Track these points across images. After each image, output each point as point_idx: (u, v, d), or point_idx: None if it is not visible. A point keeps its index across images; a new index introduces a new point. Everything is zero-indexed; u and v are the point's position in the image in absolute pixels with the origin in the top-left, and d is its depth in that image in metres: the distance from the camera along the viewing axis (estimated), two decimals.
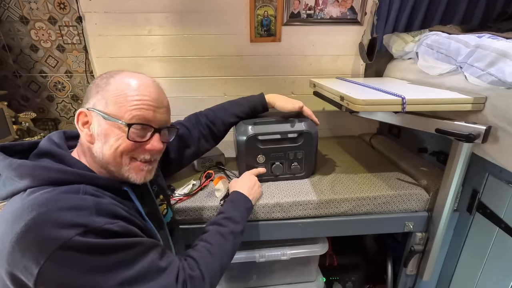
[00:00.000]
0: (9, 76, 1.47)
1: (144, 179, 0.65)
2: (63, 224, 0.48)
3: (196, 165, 1.17)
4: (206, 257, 0.66)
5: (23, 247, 0.47)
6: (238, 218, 0.78)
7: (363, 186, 1.04)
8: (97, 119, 0.60)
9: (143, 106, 0.60)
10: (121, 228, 0.53)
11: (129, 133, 0.59)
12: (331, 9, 1.38)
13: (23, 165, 0.55)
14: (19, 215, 0.49)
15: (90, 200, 0.53)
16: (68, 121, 1.59)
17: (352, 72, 1.51)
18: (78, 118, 0.61)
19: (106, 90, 0.59)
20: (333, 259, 1.29)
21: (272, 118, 1.06)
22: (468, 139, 0.81)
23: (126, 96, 0.59)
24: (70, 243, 0.47)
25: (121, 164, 0.61)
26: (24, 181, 0.54)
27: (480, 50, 0.85)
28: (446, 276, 1.14)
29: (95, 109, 0.59)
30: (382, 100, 0.86)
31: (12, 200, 0.55)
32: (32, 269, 0.46)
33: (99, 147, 0.60)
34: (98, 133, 0.60)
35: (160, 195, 0.81)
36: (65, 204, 0.50)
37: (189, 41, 1.39)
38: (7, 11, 1.36)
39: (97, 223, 0.50)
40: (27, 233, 0.47)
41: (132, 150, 0.61)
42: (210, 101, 1.49)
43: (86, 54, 1.43)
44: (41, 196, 0.51)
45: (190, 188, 1.01)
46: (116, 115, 0.58)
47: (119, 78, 0.61)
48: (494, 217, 0.91)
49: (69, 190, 0.54)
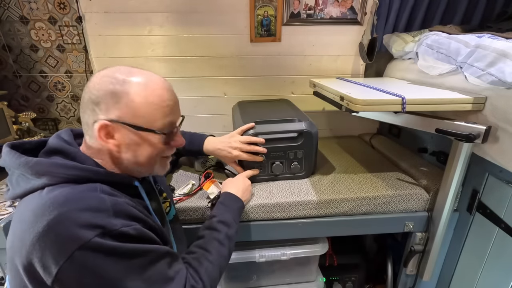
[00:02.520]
0: (9, 76, 1.47)
1: (165, 170, 0.69)
2: (82, 225, 0.48)
3: (196, 165, 1.17)
4: (205, 265, 0.66)
5: (43, 246, 0.47)
6: (231, 220, 0.79)
7: (363, 186, 1.04)
8: (125, 131, 0.59)
9: (170, 111, 0.62)
10: (136, 231, 0.54)
11: (164, 140, 0.62)
12: (331, 9, 1.38)
13: (39, 163, 0.55)
14: (40, 214, 0.49)
15: (107, 200, 0.53)
16: (68, 121, 1.59)
17: (352, 72, 1.51)
18: (100, 131, 0.57)
19: (129, 100, 0.57)
20: (333, 259, 1.29)
21: (272, 117, 1.06)
22: (468, 139, 0.81)
23: (153, 105, 0.59)
24: (89, 244, 0.48)
25: (154, 164, 0.65)
26: (42, 179, 0.54)
27: (480, 50, 0.85)
28: (446, 276, 1.14)
29: (120, 121, 0.57)
30: (382, 100, 0.85)
31: (30, 198, 0.54)
32: (51, 268, 0.47)
33: (131, 156, 0.61)
34: (129, 143, 0.60)
35: (163, 193, 0.82)
36: (84, 204, 0.51)
37: (189, 41, 1.39)
38: (7, 11, 1.36)
39: (115, 225, 0.51)
40: (48, 232, 0.47)
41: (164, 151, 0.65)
42: (210, 101, 1.51)
43: (86, 54, 1.43)
44: (60, 195, 0.52)
45: (190, 188, 1.01)
46: (147, 125, 0.59)
47: (137, 84, 0.58)
48: (494, 217, 0.91)
49: (87, 189, 0.54)
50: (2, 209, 0.92)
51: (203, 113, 1.53)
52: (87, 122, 0.59)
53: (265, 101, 1.43)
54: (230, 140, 1.01)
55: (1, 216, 0.89)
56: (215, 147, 1.03)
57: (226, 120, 1.53)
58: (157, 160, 0.65)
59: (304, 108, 1.25)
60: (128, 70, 0.60)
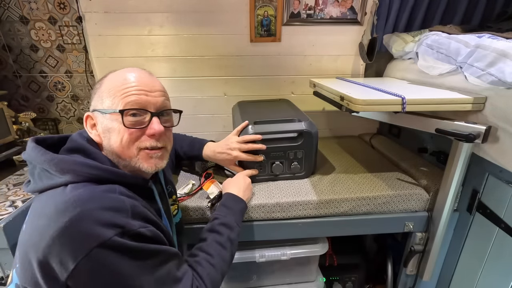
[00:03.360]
0: (9, 76, 1.47)
1: (155, 167, 0.65)
2: (104, 223, 0.49)
3: (196, 166, 1.17)
4: (208, 269, 0.67)
5: (63, 241, 0.48)
6: (233, 223, 0.78)
7: (363, 186, 1.04)
8: (99, 118, 0.62)
9: (133, 92, 0.61)
10: (151, 233, 0.55)
11: (124, 121, 0.60)
12: (331, 9, 1.38)
13: (65, 160, 0.57)
14: (63, 209, 0.50)
15: (127, 202, 0.55)
16: (68, 121, 1.59)
17: (352, 72, 1.51)
18: (86, 122, 0.64)
19: (100, 89, 0.63)
20: (333, 259, 1.29)
21: (272, 117, 1.06)
22: (468, 139, 0.81)
23: (117, 87, 0.61)
24: (109, 243, 0.49)
25: (130, 156, 0.62)
26: (65, 177, 0.55)
27: (480, 50, 0.85)
28: (446, 276, 1.14)
29: (95, 109, 0.63)
30: (382, 100, 0.85)
31: (51, 193, 0.55)
32: (68, 264, 0.47)
33: (107, 144, 0.62)
34: (103, 130, 0.62)
35: (173, 195, 0.83)
36: (106, 203, 0.52)
37: (189, 41, 1.39)
38: (7, 11, 1.36)
39: (133, 226, 0.52)
40: (70, 228, 0.48)
41: (135, 139, 0.62)
42: (210, 101, 1.51)
43: (86, 54, 1.43)
44: (84, 193, 0.53)
45: (190, 188, 1.01)
46: (111, 107, 0.60)
47: (110, 75, 0.64)
48: (494, 217, 0.91)
49: (108, 190, 0.55)
50: (2, 209, 0.92)
51: (203, 113, 1.53)
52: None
53: (265, 101, 1.43)
54: (227, 142, 1.01)
55: (1, 216, 0.89)
56: (214, 151, 1.03)
57: (226, 120, 1.53)
58: (132, 150, 0.62)
59: (304, 108, 1.25)
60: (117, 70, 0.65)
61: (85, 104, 1.56)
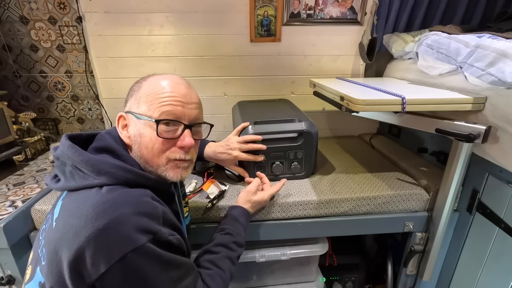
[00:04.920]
0: (9, 76, 1.47)
1: (180, 176, 0.65)
2: (140, 229, 0.50)
3: (197, 166, 1.17)
4: (219, 285, 0.68)
5: (99, 243, 0.47)
6: (243, 241, 0.80)
7: (363, 186, 1.04)
8: (133, 121, 0.63)
9: (171, 102, 0.61)
10: (177, 241, 0.56)
11: (158, 130, 0.60)
12: (331, 9, 1.38)
13: (102, 162, 0.57)
14: (102, 211, 0.49)
15: (159, 208, 0.55)
16: (68, 121, 1.59)
17: (352, 72, 1.51)
18: (118, 121, 0.65)
19: (138, 92, 0.63)
20: (333, 259, 1.29)
21: (272, 117, 1.06)
22: (468, 139, 0.81)
23: (155, 95, 0.61)
24: (142, 248, 0.49)
25: (158, 164, 0.62)
26: (101, 178, 0.55)
27: (480, 50, 0.85)
28: (446, 276, 1.14)
29: (130, 112, 0.63)
30: (382, 100, 0.86)
31: (86, 194, 0.55)
32: (101, 266, 0.47)
33: (137, 147, 0.63)
34: (135, 134, 0.62)
35: (186, 198, 0.83)
36: (142, 208, 0.52)
37: (189, 41, 1.39)
38: (7, 11, 1.36)
39: (164, 233, 0.53)
40: (108, 230, 0.48)
41: (166, 148, 0.62)
42: (210, 101, 1.51)
43: (86, 54, 1.43)
44: (122, 197, 0.53)
45: (194, 187, 1.02)
46: (147, 113, 0.61)
47: (150, 80, 0.64)
48: (494, 217, 0.91)
49: (142, 194, 0.55)
50: (2, 209, 0.92)
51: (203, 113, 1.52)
52: None
53: (265, 101, 1.43)
54: (228, 142, 1.01)
55: (1, 216, 0.89)
56: (214, 151, 1.03)
57: (226, 120, 1.53)
58: (161, 159, 0.62)
59: (304, 108, 1.25)
60: (157, 74, 0.66)
61: (85, 104, 1.56)
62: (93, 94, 1.52)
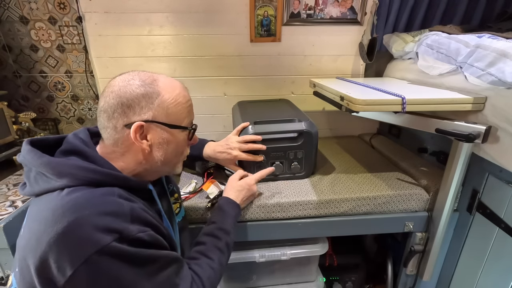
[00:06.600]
0: (9, 76, 1.47)
1: (181, 169, 0.73)
2: (102, 229, 0.48)
3: (197, 166, 1.17)
4: (208, 272, 0.68)
5: (60, 247, 0.47)
6: (230, 228, 0.79)
7: (363, 186, 1.04)
8: (158, 130, 0.62)
9: (191, 109, 0.67)
10: (150, 237, 0.54)
11: (190, 136, 0.68)
12: (331, 9, 1.38)
13: (62, 164, 0.55)
14: (61, 215, 0.49)
15: (126, 205, 0.54)
16: (68, 121, 1.59)
17: (352, 72, 1.51)
18: (136, 131, 0.59)
19: (160, 101, 0.61)
20: (333, 259, 1.29)
21: (272, 117, 1.06)
22: (468, 139, 0.81)
23: (180, 104, 0.64)
24: (106, 249, 0.48)
25: (175, 163, 0.69)
26: (62, 180, 0.54)
27: (480, 50, 0.85)
28: (446, 276, 1.14)
29: (155, 121, 0.61)
30: (382, 100, 0.86)
31: (47, 197, 0.54)
32: (66, 270, 0.46)
33: (161, 155, 0.64)
34: (160, 142, 0.63)
35: (175, 194, 0.82)
36: (104, 208, 0.51)
37: (189, 41, 1.39)
38: (7, 11, 1.36)
39: (132, 231, 0.51)
40: (68, 233, 0.47)
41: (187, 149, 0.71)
42: (210, 101, 1.51)
43: (86, 54, 1.43)
44: (81, 198, 0.52)
45: (194, 187, 1.02)
46: (178, 123, 0.64)
47: (165, 86, 0.62)
48: (494, 217, 0.91)
49: (106, 193, 0.54)
50: (2, 209, 0.92)
51: (203, 113, 1.53)
52: (114, 126, 0.59)
53: (265, 101, 1.43)
54: (227, 142, 1.01)
55: (1, 216, 0.89)
56: (214, 151, 1.03)
57: (226, 120, 1.53)
58: (180, 159, 0.70)
59: (304, 108, 1.25)
60: (147, 74, 0.64)
61: (85, 104, 1.56)
62: (93, 94, 1.52)
